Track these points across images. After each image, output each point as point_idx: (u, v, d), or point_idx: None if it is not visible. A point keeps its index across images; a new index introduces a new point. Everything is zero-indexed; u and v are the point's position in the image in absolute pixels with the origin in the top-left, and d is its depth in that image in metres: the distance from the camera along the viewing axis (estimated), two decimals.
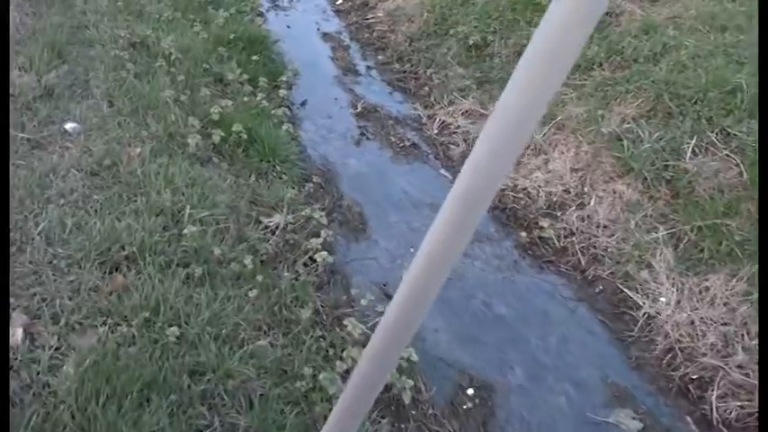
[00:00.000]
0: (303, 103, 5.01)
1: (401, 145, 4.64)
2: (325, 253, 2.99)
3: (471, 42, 5.53)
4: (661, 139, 3.87)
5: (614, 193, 3.86)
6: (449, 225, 0.72)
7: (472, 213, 0.70)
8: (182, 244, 2.70)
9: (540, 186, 4.06)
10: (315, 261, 3.07)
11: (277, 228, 3.24)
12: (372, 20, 6.85)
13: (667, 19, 4.77)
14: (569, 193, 3.98)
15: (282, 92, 4.51)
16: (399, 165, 4.44)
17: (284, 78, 4.76)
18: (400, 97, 5.47)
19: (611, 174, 3.94)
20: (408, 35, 6.25)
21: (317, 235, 3.29)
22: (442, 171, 4.42)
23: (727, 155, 3.66)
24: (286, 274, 2.94)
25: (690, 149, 3.75)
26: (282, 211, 3.34)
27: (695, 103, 3.95)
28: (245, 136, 3.73)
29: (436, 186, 4.25)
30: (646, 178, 3.79)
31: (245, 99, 4.23)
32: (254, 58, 4.72)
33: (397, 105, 5.31)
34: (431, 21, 6.24)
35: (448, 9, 6.20)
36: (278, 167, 3.78)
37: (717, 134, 3.77)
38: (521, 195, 4.06)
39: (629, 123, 4.09)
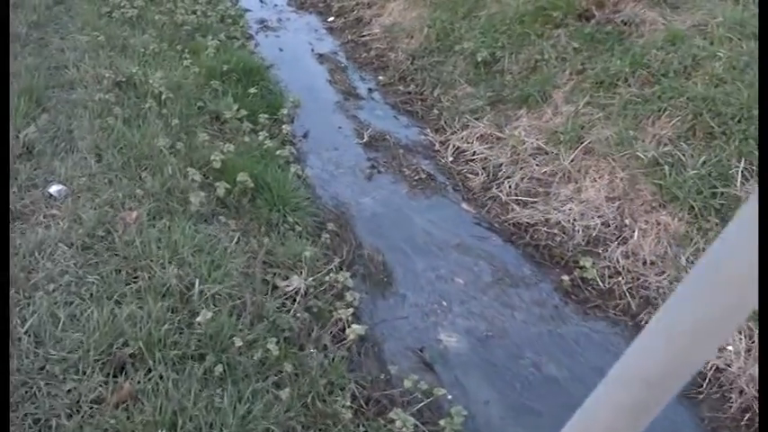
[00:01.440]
0: (305, 135, 4.65)
1: (416, 177, 4.29)
2: (356, 325, 2.62)
3: (480, 59, 5.19)
4: (705, 162, 3.55)
5: (658, 224, 3.53)
6: None
7: None
8: (195, 332, 2.32)
9: (575, 219, 3.72)
10: (343, 331, 2.70)
11: (297, 293, 2.87)
12: (368, 37, 6.50)
13: (692, 27, 4.46)
14: (608, 226, 3.65)
15: (285, 127, 4.14)
16: (417, 200, 4.09)
17: (285, 111, 4.39)
18: (408, 122, 5.11)
19: (651, 203, 3.61)
20: (409, 53, 5.90)
21: (342, 297, 2.93)
22: (464, 205, 4.07)
23: None
24: (313, 350, 2.58)
25: (739, 174, 3.43)
26: (301, 272, 2.97)
27: (739, 121, 3.63)
28: (251, 184, 3.36)
29: (459, 223, 3.90)
30: (692, 207, 3.46)
31: (247, 139, 3.86)
32: (251, 90, 4.35)
33: (405, 131, 4.96)
34: (432, 36, 5.90)
35: (449, 23, 5.87)
36: (289, 217, 3.40)
37: None
38: (555, 231, 3.71)
39: (666, 145, 3.77)
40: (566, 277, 3.39)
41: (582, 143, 4.09)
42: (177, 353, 2.22)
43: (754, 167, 3.44)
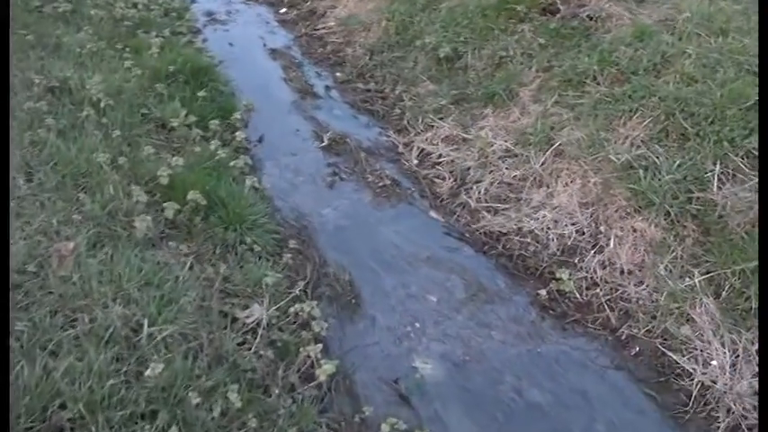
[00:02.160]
0: (260, 140, 4.35)
1: (380, 184, 4.06)
2: (326, 364, 2.39)
3: (442, 55, 4.97)
4: (680, 166, 3.43)
5: (634, 231, 3.40)
6: None
7: None
8: (145, 385, 2.05)
9: (548, 228, 3.56)
10: (312, 367, 2.47)
11: (259, 325, 2.61)
12: (324, 30, 6.20)
13: (659, 22, 4.34)
14: (583, 233, 3.50)
15: (239, 134, 3.84)
16: (382, 210, 3.86)
17: (238, 115, 4.08)
18: (368, 122, 4.87)
19: (626, 209, 3.48)
20: (367, 47, 5.64)
21: (308, 326, 2.69)
22: (432, 213, 3.86)
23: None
24: (277, 392, 2.34)
25: (715, 178, 3.32)
26: (262, 300, 2.72)
27: (712, 122, 3.52)
28: (203, 201, 3.07)
29: (428, 234, 3.69)
30: (668, 213, 3.34)
31: (197, 149, 3.55)
32: (201, 93, 4.02)
33: (366, 132, 4.71)
34: (391, 30, 5.66)
35: (408, 16, 5.62)
36: (247, 237, 3.13)
37: (742, 158, 3.35)
38: (528, 240, 3.55)
39: (638, 148, 3.64)
40: (543, 292, 3.23)
41: (552, 145, 3.93)
42: (124, 413, 1.95)
43: (729, 171, 3.34)
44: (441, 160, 4.29)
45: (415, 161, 4.35)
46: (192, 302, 2.51)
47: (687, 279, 3.14)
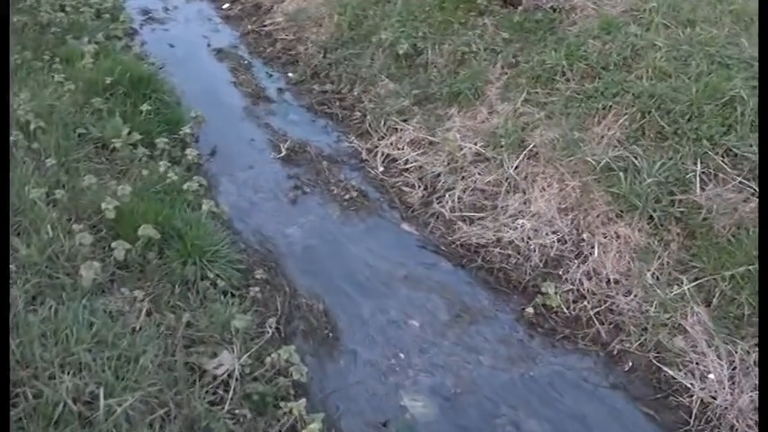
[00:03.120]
0: (213, 153, 4.02)
1: (347, 196, 3.80)
2: (312, 424, 2.14)
3: (401, 52, 4.72)
4: (661, 166, 3.30)
5: (618, 237, 3.26)
6: None
7: None
8: None
9: (529, 238, 3.39)
10: (295, 426, 2.22)
11: (230, 376, 2.34)
12: (271, 27, 5.85)
13: (624, 13, 4.21)
14: (565, 242, 3.35)
15: (190, 151, 3.50)
16: (351, 225, 3.61)
17: (188, 129, 3.73)
18: (327, 126, 4.59)
19: (608, 213, 3.34)
20: (320, 45, 5.33)
21: (285, 372, 2.44)
22: (404, 226, 3.64)
23: (741, 182, 3.15)
24: None
25: (698, 178, 3.21)
26: (232, 346, 2.44)
27: (689, 119, 3.41)
28: (156, 235, 2.75)
29: (402, 249, 3.47)
30: (652, 217, 3.22)
31: (145, 172, 3.21)
32: (144, 107, 3.65)
33: (326, 138, 4.44)
34: (344, 25, 5.36)
35: (362, 10, 5.34)
36: (208, 271, 2.84)
37: (723, 156, 3.25)
38: (509, 251, 3.37)
39: (616, 148, 3.50)
40: (530, 310, 3.06)
41: (525, 147, 3.75)
42: None
43: (711, 170, 3.24)
44: (408, 166, 4.06)
45: (381, 168, 4.10)
46: (153, 359, 2.22)
47: (676, 287, 3.02)
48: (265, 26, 5.86)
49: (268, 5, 6.15)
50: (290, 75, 5.18)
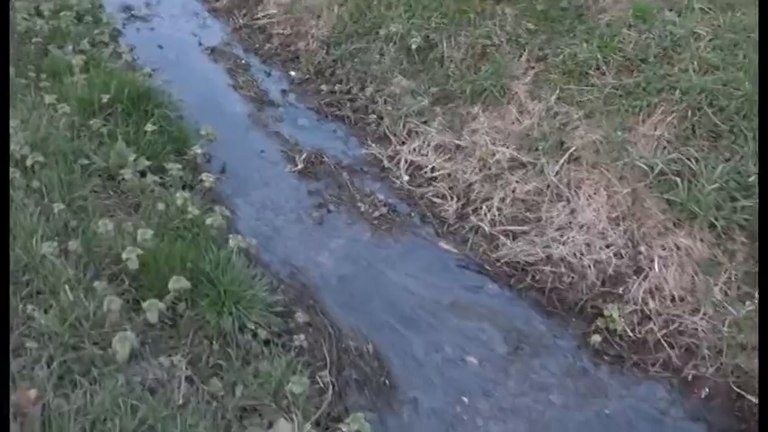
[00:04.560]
0: (222, 171, 3.68)
1: (376, 213, 3.51)
2: None
3: (414, 46, 4.38)
4: (719, 168, 3.07)
5: (678, 249, 3.04)
6: None
7: None
8: None
9: (581, 253, 3.15)
10: None
11: None
12: (265, 20, 5.44)
13: None
14: (621, 257, 3.12)
15: (207, 177, 3.15)
16: (385, 246, 3.33)
17: (198, 149, 3.38)
18: (341, 131, 4.27)
19: (664, 223, 3.11)
20: (322, 39, 4.96)
21: None
22: (442, 244, 3.37)
23: None
24: None
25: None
26: (289, 414, 2.17)
27: (744, 116, 3.17)
28: (188, 285, 2.44)
29: (444, 271, 3.21)
30: (714, 225, 2.99)
31: (161, 207, 2.87)
32: (149, 127, 3.29)
33: (341, 145, 4.12)
34: (346, 17, 4.99)
35: None
36: (247, 321, 2.54)
37: None
38: (561, 269, 3.13)
39: (666, 150, 3.26)
40: (593, 336, 2.83)
41: (565, 151, 3.49)
42: None
43: None
44: (436, 174, 3.78)
45: (406, 177, 3.81)
46: None
47: (748, 302, 2.82)
48: (258, 19, 5.45)
49: None
50: (291, 74, 4.82)
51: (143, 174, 3.11)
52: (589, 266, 3.10)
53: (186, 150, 3.46)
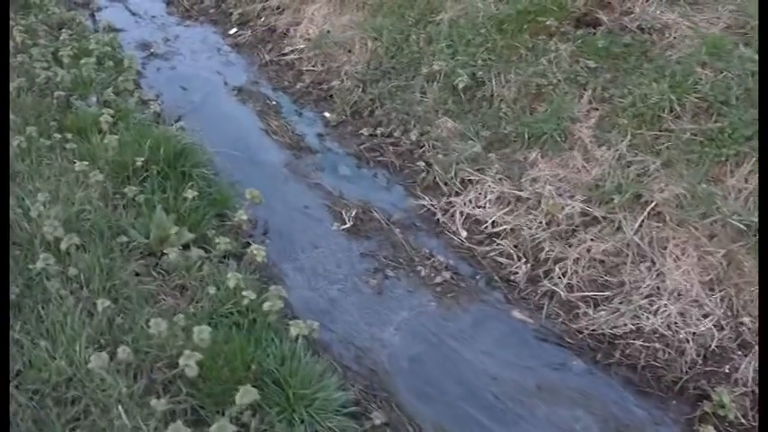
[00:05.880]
0: (265, 232, 3.37)
1: (438, 279, 3.19)
2: None
3: (461, 85, 4.08)
4: None
5: None
6: None
7: None
8: None
9: (676, 325, 2.83)
10: None
11: None
12: (293, 55, 5.15)
13: (727, 31, 3.63)
14: (722, 328, 2.80)
15: (259, 251, 2.82)
16: (454, 319, 3.01)
17: (243, 215, 3.06)
18: (385, 180, 3.96)
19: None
20: (356, 77, 4.65)
21: None
22: (515, 313, 3.05)
23: None
24: None
25: None
26: None
27: None
28: (257, 395, 2.12)
29: (522, 346, 2.90)
30: None
31: (212, 291, 2.56)
32: (189, 193, 2.97)
33: (388, 196, 3.81)
34: (380, 51, 4.70)
35: (400, 33, 4.67)
36: (318, 425, 2.22)
37: None
38: (655, 344, 2.81)
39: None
40: (709, 429, 2.51)
41: (645, 205, 3.18)
42: None
43: None
44: (497, 230, 3.47)
45: (464, 234, 3.50)
46: None
47: None
48: (285, 55, 5.15)
49: (283, 29, 5.43)
50: (326, 115, 4.51)
51: (186, 247, 2.79)
52: (687, 340, 2.79)
53: (228, 213, 3.15)
